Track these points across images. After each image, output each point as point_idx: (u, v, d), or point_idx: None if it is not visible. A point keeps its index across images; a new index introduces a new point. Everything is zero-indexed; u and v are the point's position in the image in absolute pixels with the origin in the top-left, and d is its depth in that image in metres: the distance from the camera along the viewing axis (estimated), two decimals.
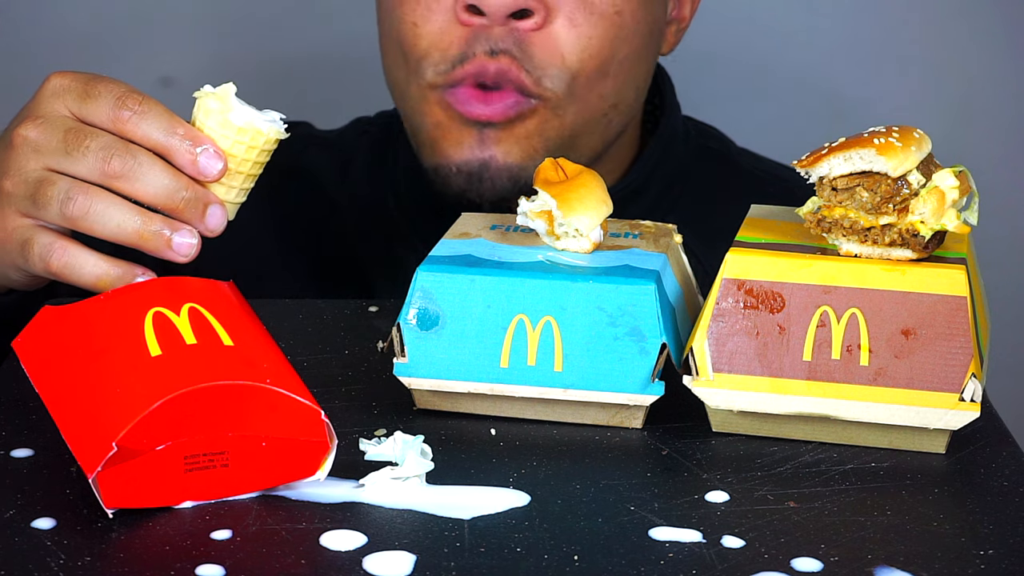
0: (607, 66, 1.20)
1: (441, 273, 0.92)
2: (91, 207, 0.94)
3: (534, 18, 1.17)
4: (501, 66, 1.18)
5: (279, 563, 0.77)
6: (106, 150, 0.95)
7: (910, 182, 0.88)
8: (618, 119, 1.25)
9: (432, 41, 1.19)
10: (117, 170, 0.94)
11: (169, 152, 0.95)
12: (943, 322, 0.87)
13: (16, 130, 0.97)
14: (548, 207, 0.94)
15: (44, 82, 0.99)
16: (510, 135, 1.20)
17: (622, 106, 1.24)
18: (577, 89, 1.20)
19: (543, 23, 1.18)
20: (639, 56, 1.23)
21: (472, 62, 1.18)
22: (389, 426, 0.91)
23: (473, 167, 1.21)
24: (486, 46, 1.18)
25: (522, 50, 1.18)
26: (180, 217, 0.95)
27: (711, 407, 0.91)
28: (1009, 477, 0.86)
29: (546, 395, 0.92)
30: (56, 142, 0.96)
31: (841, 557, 0.78)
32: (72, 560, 0.77)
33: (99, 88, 0.97)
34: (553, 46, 1.18)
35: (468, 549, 0.78)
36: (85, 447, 0.80)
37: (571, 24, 1.18)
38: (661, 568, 0.77)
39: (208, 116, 0.96)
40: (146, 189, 0.94)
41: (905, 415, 0.88)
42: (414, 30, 1.20)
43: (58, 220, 0.95)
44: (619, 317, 0.90)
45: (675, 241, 0.99)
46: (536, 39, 1.18)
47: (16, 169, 0.97)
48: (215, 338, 0.83)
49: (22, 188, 0.96)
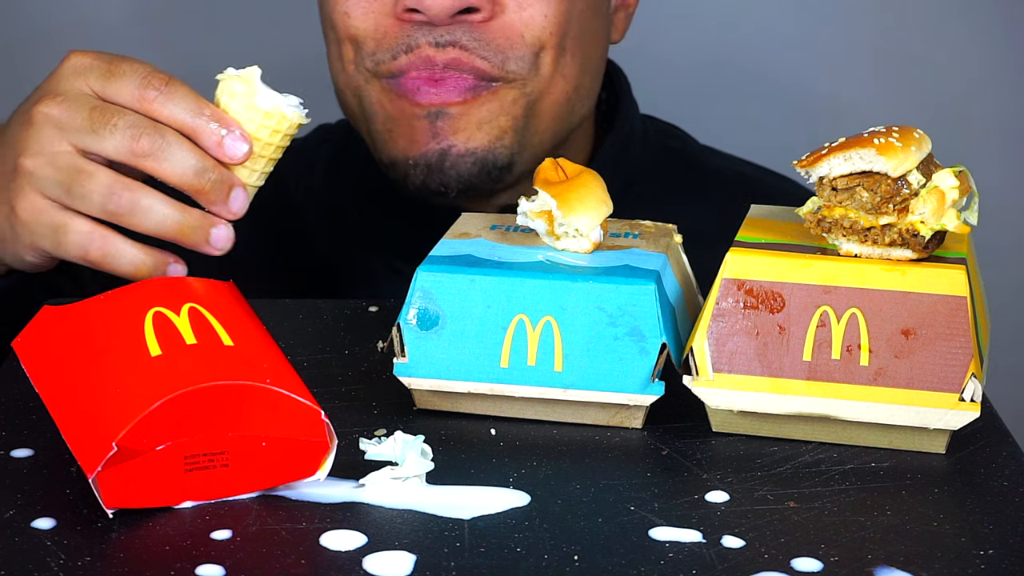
0: (564, 42, 1.18)
1: (441, 273, 0.92)
2: (136, 203, 0.95)
3: (481, 13, 1.15)
4: (451, 56, 1.15)
5: (279, 563, 0.77)
6: (135, 128, 0.94)
7: (910, 182, 0.88)
8: (579, 105, 1.23)
9: (367, 31, 1.17)
10: (146, 148, 0.94)
11: (196, 133, 0.95)
12: (943, 322, 0.87)
13: (36, 107, 0.96)
14: (548, 207, 0.94)
15: (63, 60, 0.98)
16: (468, 121, 1.17)
17: (582, 90, 1.22)
18: (542, 67, 1.18)
19: (492, 15, 1.16)
20: (592, 34, 1.21)
21: (416, 53, 1.16)
22: (389, 426, 0.91)
23: (431, 159, 1.18)
24: (430, 37, 1.15)
25: (475, 39, 1.15)
26: (204, 199, 0.96)
27: (711, 407, 0.91)
28: (1009, 477, 0.86)
29: (546, 395, 0.92)
30: (81, 120, 0.95)
31: (841, 557, 0.78)
32: (72, 560, 0.77)
33: (123, 67, 0.96)
34: (510, 31, 1.16)
35: (468, 549, 0.78)
36: (85, 447, 0.80)
37: (520, 7, 1.16)
38: (661, 568, 0.77)
39: (233, 99, 0.96)
40: (173, 169, 0.94)
41: (905, 415, 0.88)
42: (345, 20, 1.18)
43: (99, 213, 0.95)
44: (619, 317, 0.90)
45: (675, 241, 0.99)
46: (491, 28, 1.16)
47: (38, 148, 0.96)
48: (215, 338, 0.83)
49: (51, 172, 0.96)
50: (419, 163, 1.18)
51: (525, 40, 1.16)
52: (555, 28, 1.17)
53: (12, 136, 0.98)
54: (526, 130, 1.19)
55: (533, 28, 1.16)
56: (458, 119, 1.17)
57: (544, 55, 1.17)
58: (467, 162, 1.18)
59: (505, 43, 1.16)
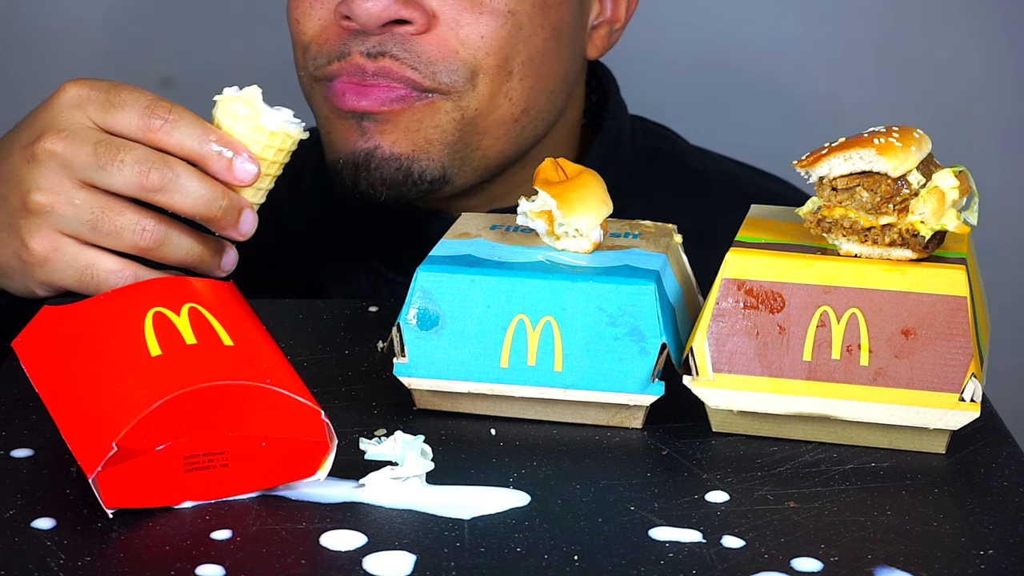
0: (509, 64, 1.17)
1: (441, 273, 0.92)
2: (166, 237, 0.96)
3: (413, 26, 1.14)
4: (380, 65, 1.15)
5: (279, 563, 0.77)
6: (142, 163, 0.94)
7: (910, 182, 0.88)
8: (531, 126, 1.21)
9: (313, 36, 1.18)
10: (156, 183, 0.94)
11: (205, 160, 0.95)
12: (943, 322, 0.87)
13: (39, 144, 0.96)
14: (548, 207, 0.94)
15: (58, 92, 0.98)
16: (396, 126, 1.16)
17: (533, 112, 1.20)
18: (480, 85, 1.16)
19: (427, 28, 1.15)
20: (544, 59, 1.19)
21: (348, 60, 1.15)
22: (389, 426, 0.91)
23: (359, 158, 1.17)
24: (363, 46, 1.15)
25: (408, 50, 1.15)
26: (216, 225, 0.96)
27: (711, 407, 0.91)
28: (1009, 477, 0.86)
29: (546, 395, 0.92)
30: (85, 155, 0.95)
31: (841, 557, 0.78)
32: (72, 560, 0.77)
33: (123, 97, 0.96)
34: (444, 46, 1.15)
35: (468, 549, 0.78)
36: (85, 447, 0.80)
37: (457, 26, 1.15)
38: (661, 568, 0.77)
39: (236, 121, 0.96)
40: (185, 200, 0.95)
41: (905, 415, 0.88)
42: (296, 27, 1.18)
43: (128, 248, 0.96)
44: (619, 317, 0.90)
45: (675, 241, 0.99)
46: (424, 40, 1.15)
47: (49, 186, 0.96)
48: (215, 338, 0.83)
49: (71, 210, 0.96)
50: (347, 163, 1.18)
51: (460, 56, 1.15)
52: (493, 50, 1.16)
53: (15, 172, 0.98)
54: (462, 145, 1.18)
55: (469, 47, 1.15)
56: (384, 123, 1.16)
57: (483, 76, 1.16)
58: (392, 166, 1.17)
59: (437, 55, 1.15)
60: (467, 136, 1.18)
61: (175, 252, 0.97)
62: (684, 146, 1.38)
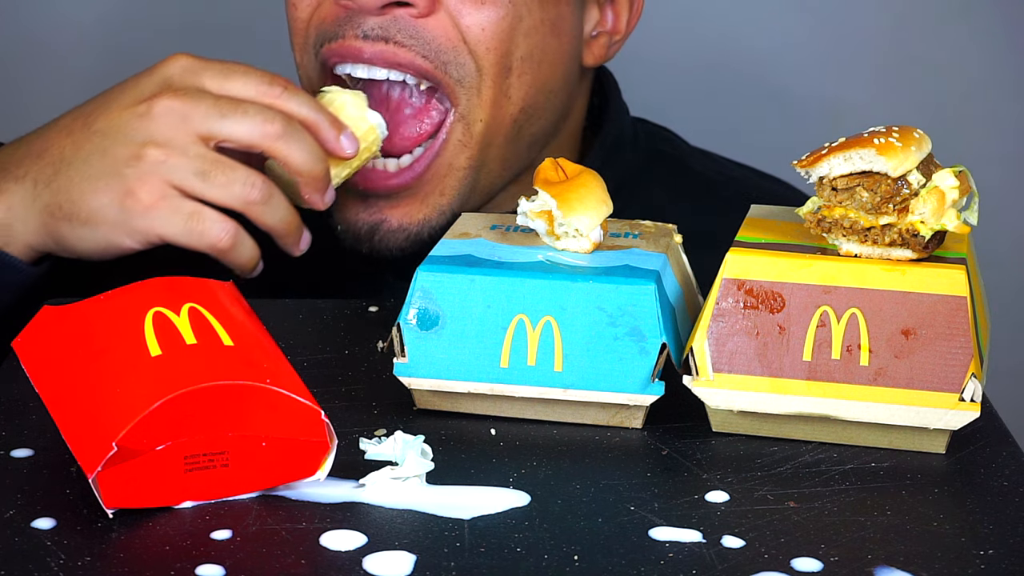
0: (508, 60, 1.15)
1: (441, 273, 0.92)
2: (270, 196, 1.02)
3: (415, 8, 1.12)
4: (377, 50, 1.12)
5: (279, 563, 0.77)
6: (266, 113, 1.00)
7: (910, 182, 0.88)
8: (528, 126, 1.19)
9: (307, 20, 1.16)
10: (279, 130, 1.00)
11: (317, 127, 1.01)
12: (943, 322, 0.87)
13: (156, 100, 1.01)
14: (548, 207, 0.94)
15: (166, 61, 1.03)
16: (412, 197, 1.15)
17: (531, 111, 1.18)
18: (484, 87, 1.14)
19: (429, 11, 1.12)
20: (544, 56, 1.17)
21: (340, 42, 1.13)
22: (389, 426, 0.91)
23: (360, 231, 1.16)
24: (358, 29, 1.13)
25: (413, 36, 1.12)
26: (312, 186, 1.03)
27: (711, 407, 0.91)
28: (1009, 477, 0.86)
29: (546, 395, 0.92)
30: (207, 107, 1.00)
31: (841, 557, 0.78)
32: (72, 560, 0.77)
33: (239, 68, 1.02)
34: (451, 32, 1.13)
35: (468, 549, 0.78)
36: (85, 447, 0.80)
37: (460, 14, 1.13)
38: (661, 568, 0.77)
39: (342, 109, 1.04)
40: (299, 154, 1.01)
41: (905, 415, 0.88)
42: (293, 12, 1.17)
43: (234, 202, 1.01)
44: (619, 317, 0.90)
45: (675, 241, 0.99)
46: (430, 24, 1.13)
47: (165, 138, 1.01)
48: (215, 338, 0.83)
49: (184, 161, 1.01)
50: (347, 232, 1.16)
51: (467, 48, 1.13)
52: (494, 44, 1.14)
53: (123, 127, 1.03)
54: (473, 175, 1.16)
55: (471, 38, 1.13)
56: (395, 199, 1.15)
57: (485, 75, 1.14)
58: (399, 237, 1.16)
59: (445, 44, 1.13)
60: (477, 162, 1.16)
61: (273, 215, 1.02)
62: (685, 148, 1.38)
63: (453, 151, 1.16)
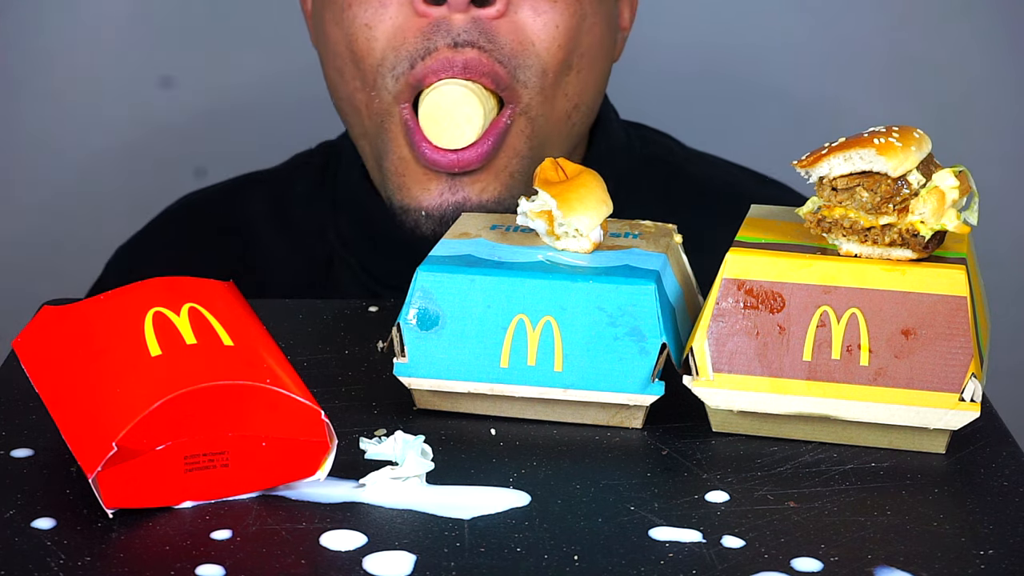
0: (571, 58, 1.15)
1: (441, 273, 0.92)
2: None
3: (496, 5, 1.11)
4: (469, 59, 1.11)
5: (279, 563, 0.77)
6: None
7: (910, 182, 0.88)
8: (580, 122, 1.19)
9: (388, 41, 1.12)
10: None
11: None
12: (943, 322, 0.87)
13: None
14: (548, 207, 0.94)
15: None
16: (487, 172, 1.14)
17: (583, 107, 1.18)
18: (546, 85, 1.14)
19: (505, 11, 1.11)
20: (599, 50, 1.18)
21: (435, 56, 1.11)
22: (389, 426, 0.91)
23: (447, 210, 1.14)
24: (448, 38, 1.11)
25: (490, 40, 1.11)
26: None
27: (711, 407, 0.91)
28: (1009, 477, 0.86)
29: (546, 395, 0.92)
30: None
31: (841, 557, 0.78)
32: (72, 560, 0.77)
33: None
34: (522, 34, 1.12)
35: (468, 549, 0.78)
36: (85, 447, 0.80)
37: (535, 12, 1.12)
38: (661, 568, 0.77)
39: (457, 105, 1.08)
40: None
41: (905, 415, 0.88)
42: (367, 32, 1.12)
43: None
44: (619, 317, 0.90)
45: (675, 241, 0.99)
46: (502, 28, 1.12)
47: None
48: (215, 338, 0.83)
49: None
50: (432, 215, 1.14)
51: (535, 49, 1.13)
52: (564, 42, 1.13)
53: None
54: (533, 163, 1.15)
55: (543, 38, 1.13)
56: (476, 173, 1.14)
57: (548, 72, 1.14)
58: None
59: (517, 48, 1.12)
60: (535, 152, 1.16)
61: None
62: (681, 152, 1.37)
63: (515, 138, 1.15)
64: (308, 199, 1.31)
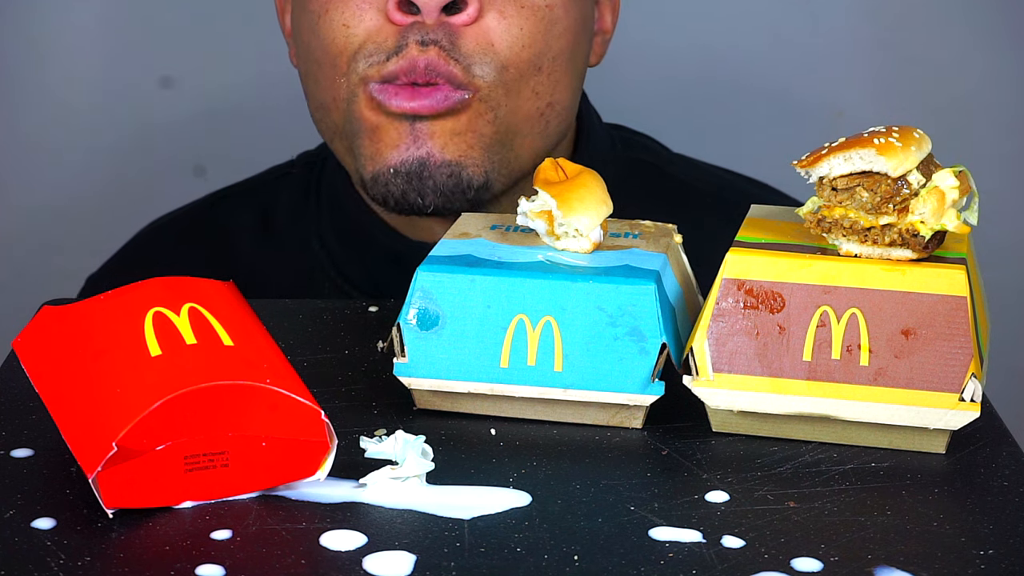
0: (540, 60, 1.18)
1: (441, 273, 0.92)
2: None
3: (467, 11, 1.15)
4: (430, 59, 1.15)
5: (279, 563, 0.77)
6: None
7: (910, 182, 0.88)
8: (555, 120, 1.22)
9: (366, 36, 1.16)
10: None
11: None
12: (943, 322, 0.87)
13: None
14: (548, 207, 0.94)
15: None
16: (443, 129, 1.17)
17: (558, 106, 1.21)
18: (508, 81, 1.17)
19: (476, 17, 1.15)
20: (572, 54, 1.21)
21: (404, 55, 1.15)
22: (389, 426, 0.91)
23: (412, 166, 1.17)
24: (418, 36, 1.15)
25: (452, 42, 1.15)
26: None
27: (711, 407, 0.91)
28: (1009, 477, 0.86)
29: (546, 395, 0.92)
30: None
31: (841, 557, 0.78)
32: (72, 560, 0.77)
33: None
34: (484, 37, 1.16)
35: (468, 549, 0.78)
36: (85, 447, 0.80)
37: (501, 16, 1.16)
38: (661, 568, 0.77)
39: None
40: None
41: (905, 415, 0.88)
42: (345, 31, 1.17)
43: None
44: (619, 317, 0.90)
45: (675, 241, 0.99)
46: (467, 32, 1.15)
47: None
48: (215, 338, 0.83)
49: None
50: (400, 171, 1.17)
51: (495, 49, 1.16)
52: (529, 43, 1.17)
53: None
54: (499, 147, 1.18)
55: (506, 41, 1.16)
56: (434, 123, 1.16)
57: (510, 70, 1.17)
58: (444, 173, 1.17)
59: (475, 48, 1.15)
60: (502, 138, 1.18)
61: None
62: (665, 155, 1.38)
63: (475, 118, 1.17)
64: (293, 209, 1.32)
